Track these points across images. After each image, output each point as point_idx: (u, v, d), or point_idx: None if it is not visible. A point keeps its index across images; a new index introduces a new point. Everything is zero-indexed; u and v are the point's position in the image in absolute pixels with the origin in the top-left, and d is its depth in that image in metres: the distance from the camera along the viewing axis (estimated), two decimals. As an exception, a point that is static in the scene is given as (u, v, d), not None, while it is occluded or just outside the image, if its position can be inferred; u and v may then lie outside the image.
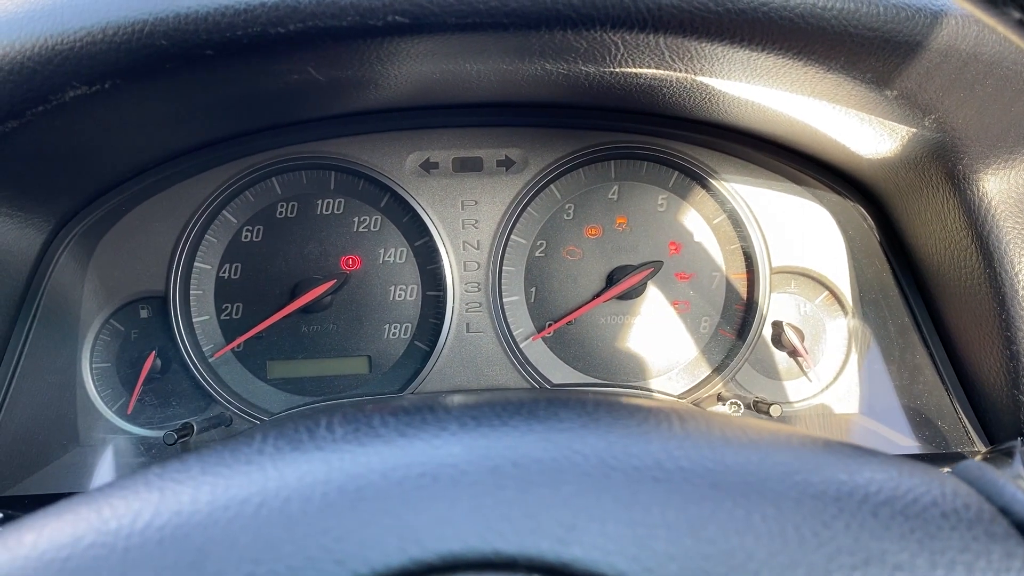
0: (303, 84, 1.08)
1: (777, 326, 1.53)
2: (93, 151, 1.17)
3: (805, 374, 1.53)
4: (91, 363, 1.45)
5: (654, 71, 1.04)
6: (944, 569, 0.48)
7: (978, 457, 0.91)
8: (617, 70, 1.04)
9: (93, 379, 1.45)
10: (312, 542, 0.47)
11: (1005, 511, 0.54)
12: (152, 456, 1.40)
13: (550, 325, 1.53)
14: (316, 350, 1.51)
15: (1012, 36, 0.98)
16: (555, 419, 0.57)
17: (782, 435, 0.59)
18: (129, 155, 1.29)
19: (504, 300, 1.51)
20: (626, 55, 0.97)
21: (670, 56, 0.97)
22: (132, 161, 1.32)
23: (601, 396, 0.64)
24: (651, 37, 0.90)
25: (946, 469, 0.60)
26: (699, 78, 1.08)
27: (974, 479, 0.58)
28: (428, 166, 1.50)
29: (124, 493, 0.54)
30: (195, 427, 1.31)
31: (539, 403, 0.60)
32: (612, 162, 1.52)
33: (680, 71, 1.03)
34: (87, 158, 1.20)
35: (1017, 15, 0.96)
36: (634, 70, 1.04)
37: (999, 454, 0.89)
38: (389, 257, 1.51)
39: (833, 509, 0.51)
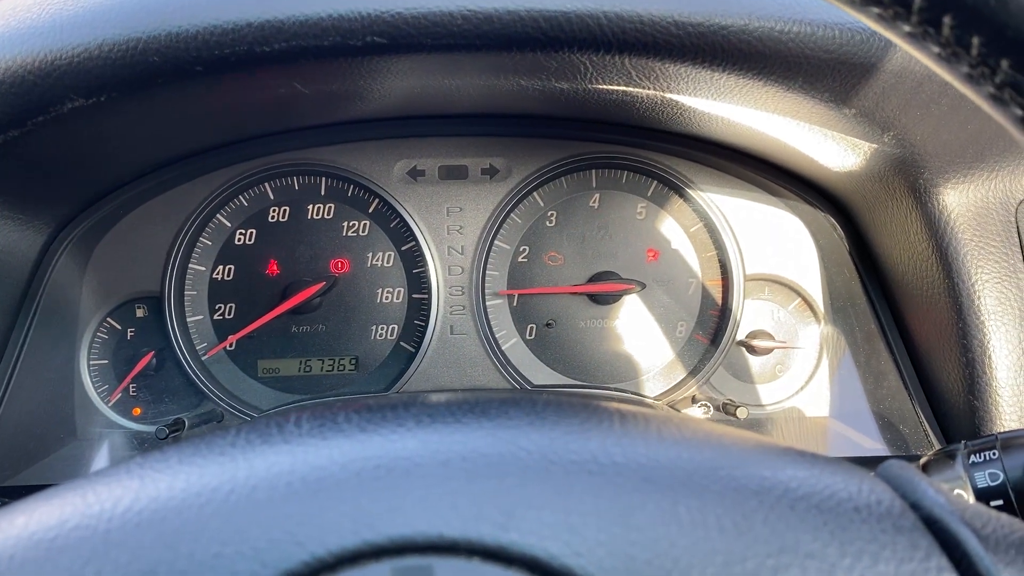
0: (291, 97, 1.12)
1: (752, 336, 1.57)
2: (91, 158, 1.22)
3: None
4: (88, 360, 1.50)
5: (624, 88, 1.09)
6: (852, 557, 0.52)
7: (923, 459, 0.95)
8: (589, 86, 1.09)
9: (90, 375, 1.50)
10: (275, 526, 0.51)
11: (915, 506, 0.57)
12: (144, 450, 1.45)
13: (520, 289, 1.55)
14: (305, 350, 1.55)
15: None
16: (504, 417, 0.61)
17: (714, 434, 0.64)
18: (125, 161, 1.34)
19: (487, 303, 1.55)
20: (595, 74, 1.02)
21: (637, 75, 1.02)
22: (128, 167, 1.37)
23: (552, 396, 0.69)
24: (617, 58, 0.95)
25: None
26: (667, 95, 1.12)
27: (891, 477, 0.62)
28: (415, 173, 1.54)
29: (107, 481, 0.58)
30: (186, 422, 1.36)
31: (492, 403, 0.64)
32: (593, 171, 1.55)
33: (648, 89, 1.08)
34: (85, 164, 1.24)
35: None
36: (605, 87, 1.09)
37: (942, 456, 0.94)
38: (377, 261, 1.55)
39: (753, 502, 0.55)
